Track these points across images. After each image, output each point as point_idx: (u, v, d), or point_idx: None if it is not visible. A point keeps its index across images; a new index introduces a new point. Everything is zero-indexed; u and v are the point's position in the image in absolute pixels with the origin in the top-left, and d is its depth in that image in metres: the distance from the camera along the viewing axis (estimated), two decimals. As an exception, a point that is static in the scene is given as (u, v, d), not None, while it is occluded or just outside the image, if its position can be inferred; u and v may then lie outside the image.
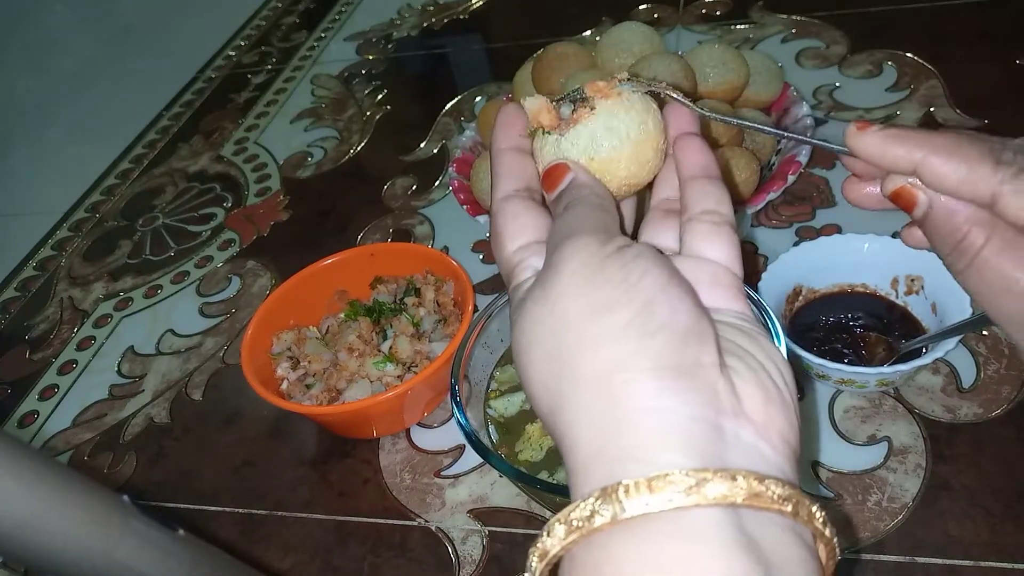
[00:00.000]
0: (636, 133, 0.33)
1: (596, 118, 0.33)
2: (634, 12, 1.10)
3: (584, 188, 0.31)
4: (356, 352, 0.65)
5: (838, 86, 0.87)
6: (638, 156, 0.33)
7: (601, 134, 0.32)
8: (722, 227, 0.31)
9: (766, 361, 0.27)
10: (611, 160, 0.33)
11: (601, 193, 0.31)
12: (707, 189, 0.32)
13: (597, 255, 0.27)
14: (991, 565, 0.47)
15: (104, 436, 0.72)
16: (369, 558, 0.57)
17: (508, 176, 0.34)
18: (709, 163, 0.33)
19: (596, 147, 0.33)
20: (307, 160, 1.02)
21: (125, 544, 0.35)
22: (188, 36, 1.46)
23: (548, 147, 0.33)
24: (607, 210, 0.30)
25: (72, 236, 1.01)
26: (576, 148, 0.33)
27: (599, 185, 0.32)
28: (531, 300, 0.28)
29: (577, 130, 0.33)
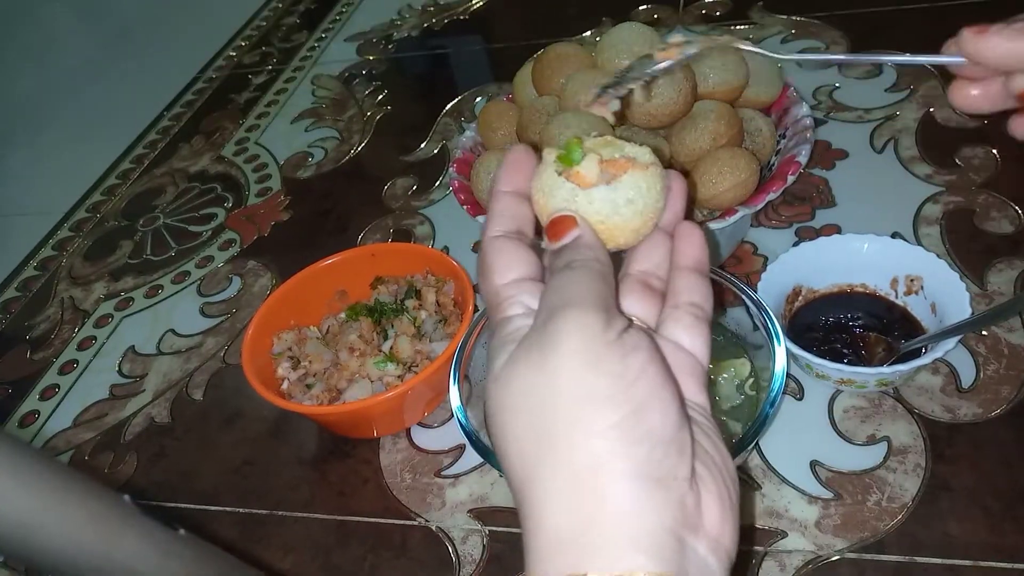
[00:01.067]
0: (650, 210, 0.33)
1: (620, 186, 0.33)
2: (634, 13, 1.11)
3: (589, 251, 0.31)
4: (357, 352, 0.65)
5: (838, 86, 0.87)
6: (641, 229, 0.34)
7: (621, 204, 0.33)
8: (702, 322, 0.33)
9: (721, 463, 0.29)
10: (618, 228, 0.33)
11: (604, 261, 0.31)
12: (697, 284, 0.34)
13: (599, 339, 0.27)
14: (991, 565, 0.48)
15: (105, 436, 0.72)
16: (369, 558, 0.57)
17: (502, 217, 0.34)
18: (703, 258, 0.35)
19: (611, 214, 0.33)
20: (308, 160, 1.02)
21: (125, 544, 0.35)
22: (189, 36, 1.46)
23: (561, 192, 0.33)
24: (608, 281, 0.30)
25: (73, 236, 1.01)
26: (591, 207, 0.32)
27: (603, 251, 0.32)
28: (524, 362, 0.28)
29: (597, 191, 0.32)
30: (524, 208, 0.35)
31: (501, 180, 0.35)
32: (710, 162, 0.62)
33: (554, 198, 0.33)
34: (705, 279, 0.34)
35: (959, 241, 0.67)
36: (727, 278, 0.53)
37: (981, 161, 0.74)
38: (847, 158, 0.78)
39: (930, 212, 0.70)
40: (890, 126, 0.80)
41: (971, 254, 0.66)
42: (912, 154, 0.76)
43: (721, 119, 0.64)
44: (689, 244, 0.35)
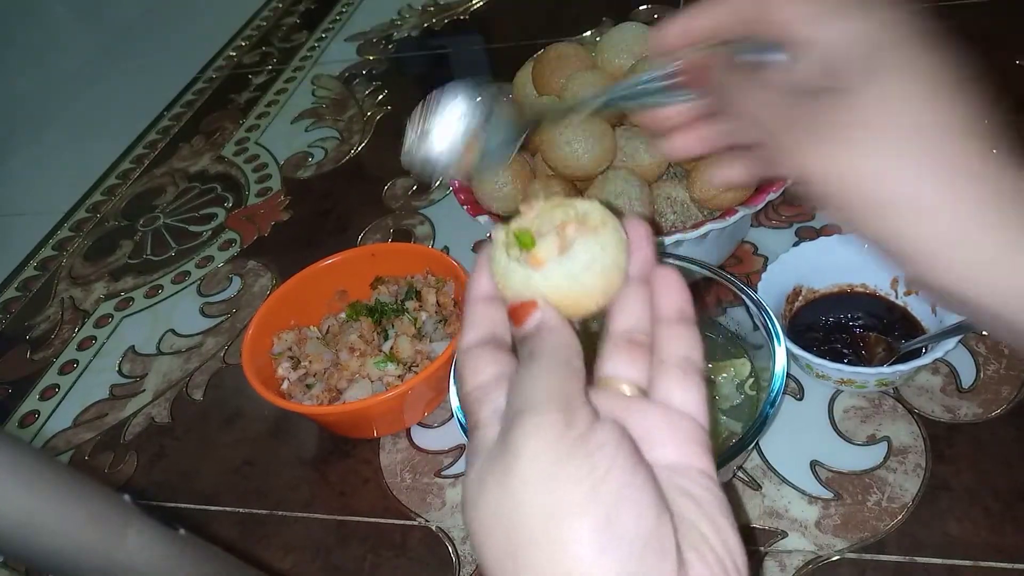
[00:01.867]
0: (611, 269, 0.32)
1: (574, 255, 0.31)
2: (634, 13, 1.10)
3: (551, 335, 0.30)
4: (357, 352, 0.65)
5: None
6: (608, 289, 0.32)
7: (579, 272, 0.31)
8: (693, 375, 0.31)
9: (720, 548, 0.27)
10: (583, 296, 0.32)
11: (568, 343, 0.30)
12: (682, 334, 0.32)
13: (560, 444, 0.26)
14: (991, 565, 0.48)
15: (105, 436, 0.72)
16: (369, 558, 0.57)
17: (473, 326, 0.33)
18: (685, 304, 0.33)
19: (571, 286, 0.31)
20: (308, 160, 1.02)
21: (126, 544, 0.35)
22: (189, 36, 1.46)
23: (516, 276, 0.32)
24: (571, 368, 0.29)
25: (73, 236, 1.01)
26: (549, 283, 0.31)
27: (565, 332, 0.31)
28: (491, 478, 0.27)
29: (552, 267, 0.31)
30: (496, 312, 0.33)
31: (471, 285, 0.34)
32: (710, 162, 0.62)
33: (511, 282, 0.32)
34: (689, 327, 0.32)
35: (959, 241, 0.67)
36: (727, 278, 0.53)
37: (981, 161, 0.73)
38: (847, 158, 0.78)
39: (930, 212, 0.70)
40: (890, 126, 0.80)
41: (971, 254, 0.66)
42: (912, 154, 0.76)
43: (721, 119, 0.64)
44: (667, 292, 0.33)
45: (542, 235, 0.32)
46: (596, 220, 0.32)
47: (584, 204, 0.33)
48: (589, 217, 0.33)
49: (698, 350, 0.32)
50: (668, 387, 0.31)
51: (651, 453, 0.28)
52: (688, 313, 0.33)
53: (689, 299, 0.33)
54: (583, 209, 0.33)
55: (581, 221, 0.32)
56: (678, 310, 0.32)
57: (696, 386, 0.31)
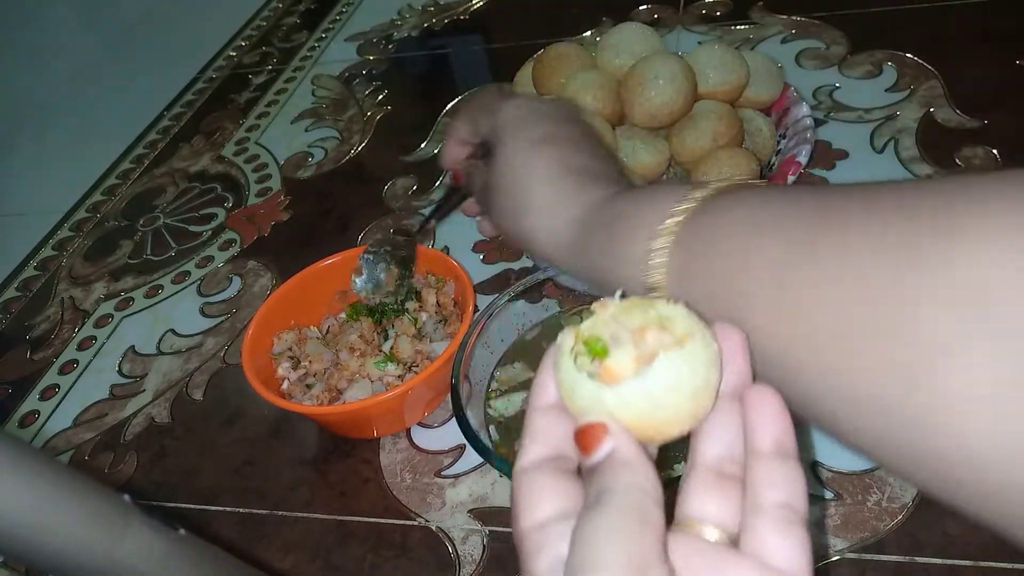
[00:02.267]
0: (700, 390, 0.27)
1: (653, 374, 0.26)
2: (634, 13, 1.11)
3: (626, 473, 0.26)
4: (357, 352, 0.65)
5: (838, 86, 0.87)
6: (696, 414, 0.28)
7: (660, 394, 0.26)
8: (795, 526, 0.26)
9: None
10: (664, 422, 0.27)
11: (644, 485, 0.26)
12: (783, 474, 0.27)
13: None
14: (991, 565, 0.48)
15: (105, 436, 0.72)
16: (369, 558, 0.57)
17: (535, 441, 0.29)
18: (785, 434, 0.28)
19: (651, 410, 0.27)
20: (308, 160, 1.02)
21: (126, 543, 0.35)
22: (189, 36, 1.46)
23: (583, 390, 0.27)
24: (648, 521, 0.25)
25: (73, 236, 1.01)
26: (625, 407, 0.27)
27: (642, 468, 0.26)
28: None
29: (627, 386, 0.26)
30: (562, 426, 0.29)
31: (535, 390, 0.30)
32: (710, 162, 0.62)
33: (577, 398, 0.27)
34: (792, 464, 0.27)
35: (959, 241, 0.67)
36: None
37: (981, 161, 0.74)
38: (847, 158, 0.78)
39: (930, 212, 0.70)
40: (890, 126, 0.80)
41: (971, 254, 0.65)
42: (912, 154, 0.76)
43: (722, 119, 0.64)
44: (763, 418, 0.28)
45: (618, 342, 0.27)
46: (682, 329, 0.27)
47: (667, 307, 0.28)
48: (672, 323, 0.28)
49: (802, 495, 0.27)
50: (764, 540, 0.26)
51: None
52: (788, 446, 0.28)
53: (790, 427, 0.28)
54: (665, 312, 0.28)
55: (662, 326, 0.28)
56: (776, 441, 0.27)
57: (799, 540, 0.26)
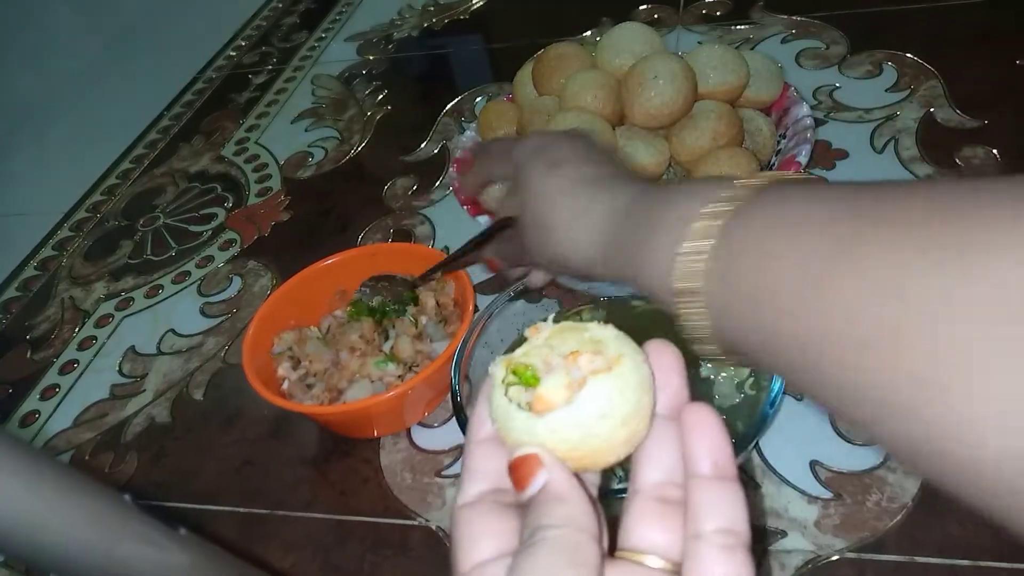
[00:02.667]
0: (632, 414, 0.26)
1: (582, 402, 0.25)
2: (634, 12, 1.11)
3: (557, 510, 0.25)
4: (358, 352, 0.65)
5: (838, 86, 0.87)
6: (631, 439, 0.27)
7: (592, 422, 0.25)
8: (736, 552, 0.25)
9: None
10: (598, 450, 0.26)
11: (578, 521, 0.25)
12: (722, 498, 0.26)
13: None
14: (991, 565, 0.48)
15: (105, 436, 0.72)
16: (369, 557, 0.57)
17: (473, 476, 0.28)
18: (722, 455, 0.26)
19: (584, 438, 0.26)
20: (308, 160, 1.02)
21: (126, 543, 0.35)
22: (189, 36, 1.46)
23: (515, 423, 0.26)
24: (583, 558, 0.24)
25: (73, 236, 1.01)
26: (557, 437, 0.26)
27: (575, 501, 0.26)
28: None
29: (558, 416, 0.26)
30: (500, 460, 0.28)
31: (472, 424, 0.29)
32: (710, 162, 0.62)
33: (511, 431, 0.27)
34: (732, 486, 0.26)
35: (959, 241, 0.67)
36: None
37: (981, 161, 0.74)
38: (847, 158, 0.78)
39: (930, 212, 0.70)
40: (890, 126, 0.80)
41: (971, 254, 0.66)
42: (912, 154, 0.76)
43: (721, 119, 0.64)
44: (700, 439, 0.27)
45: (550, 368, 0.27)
46: (612, 352, 0.27)
47: (599, 329, 0.28)
48: (603, 347, 0.27)
49: (743, 518, 0.26)
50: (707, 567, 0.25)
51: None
52: (727, 467, 0.26)
53: (727, 447, 0.27)
54: (597, 335, 0.27)
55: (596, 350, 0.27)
56: (714, 463, 0.26)
57: (741, 566, 0.25)
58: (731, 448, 0.27)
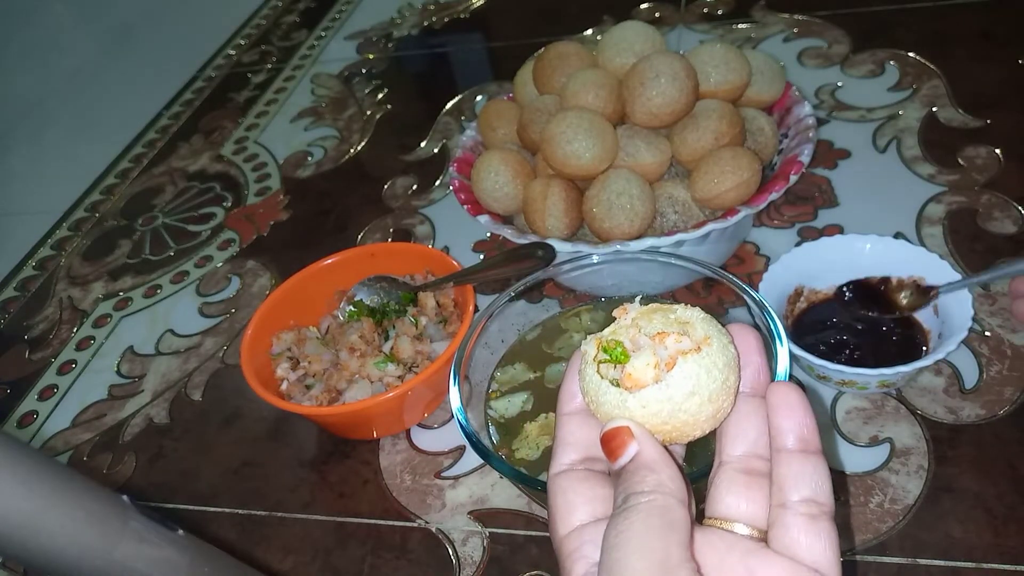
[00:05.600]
0: (719, 392, 0.28)
1: (673, 381, 0.27)
2: (635, 11, 1.10)
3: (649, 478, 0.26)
4: (358, 352, 0.64)
5: (840, 85, 0.87)
6: (716, 415, 0.29)
7: (680, 400, 0.27)
8: (820, 520, 0.27)
9: None
10: (687, 424, 0.28)
11: (669, 487, 0.26)
12: (807, 470, 0.27)
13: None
14: (994, 567, 0.47)
15: (103, 436, 0.72)
16: (369, 559, 0.57)
17: (566, 446, 0.30)
18: (808, 431, 0.28)
19: (673, 413, 0.27)
20: (307, 159, 1.01)
21: (125, 544, 0.35)
22: (188, 35, 1.46)
23: (608, 398, 0.28)
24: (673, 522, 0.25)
25: (71, 236, 1.01)
26: (646, 411, 0.28)
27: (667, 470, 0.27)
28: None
29: (649, 392, 0.27)
30: (591, 430, 0.30)
31: (562, 397, 0.31)
32: (712, 161, 0.62)
33: (602, 405, 0.28)
34: (816, 460, 0.28)
35: (962, 241, 0.67)
36: (729, 278, 0.53)
37: (984, 161, 0.73)
38: (849, 158, 0.78)
39: (933, 212, 0.70)
40: (893, 125, 0.80)
41: (974, 254, 0.65)
42: (915, 154, 0.76)
43: (723, 118, 0.64)
44: (786, 415, 0.28)
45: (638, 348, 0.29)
46: (700, 333, 0.28)
47: (685, 311, 0.29)
48: (691, 328, 0.29)
49: (827, 489, 0.27)
50: (792, 535, 0.26)
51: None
52: (812, 442, 0.28)
53: (813, 423, 0.28)
54: (683, 316, 0.29)
55: (682, 331, 0.29)
56: (799, 438, 0.28)
57: (826, 534, 0.26)
58: (815, 423, 0.28)
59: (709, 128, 0.63)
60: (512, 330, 0.61)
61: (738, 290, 0.52)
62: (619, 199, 0.61)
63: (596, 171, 0.64)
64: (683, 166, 0.67)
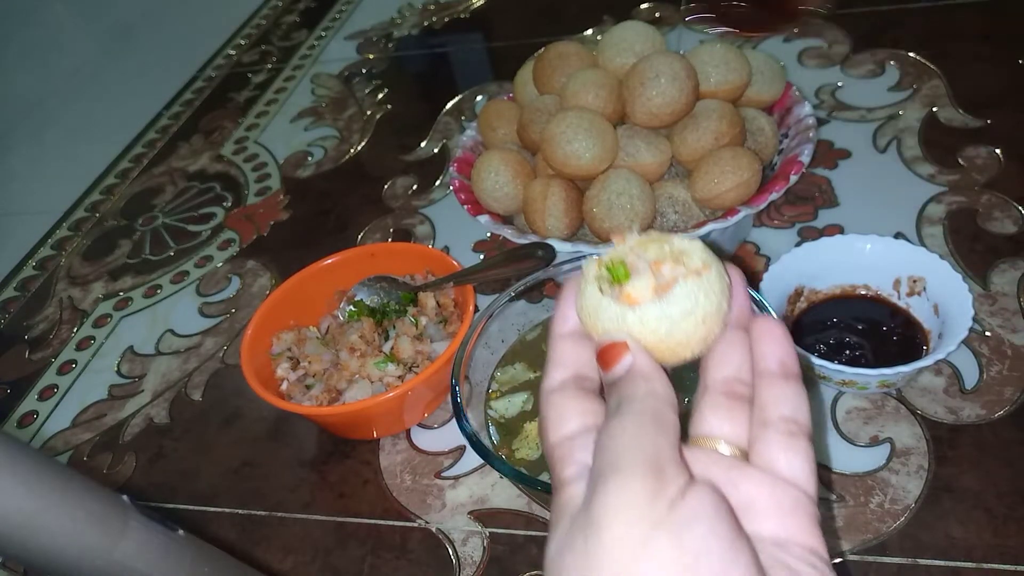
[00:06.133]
0: (712, 316, 0.29)
1: (673, 299, 0.29)
2: (635, 11, 1.10)
3: (644, 384, 0.28)
4: (358, 352, 0.64)
5: (840, 86, 0.87)
6: (707, 337, 0.30)
7: (678, 318, 0.29)
8: (799, 439, 0.28)
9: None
10: (680, 343, 0.29)
11: (661, 393, 0.28)
12: (787, 392, 0.29)
13: (650, 510, 0.23)
14: (994, 567, 0.47)
15: (103, 436, 0.72)
16: (369, 559, 0.57)
17: (558, 365, 0.31)
18: (789, 358, 0.30)
19: (669, 331, 0.29)
20: (307, 159, 1.01)
21: (125, 544, 0.35)
22: (188, 35, 1.46)
23: (607, 313, 0.29)
24: (665, 422, 0.26)
25: (72, 235, 1.01)
26: (644, 327, 0.29)
27: (659, 380, 0.28)
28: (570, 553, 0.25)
29: (648, 309, 0.29)
30: (584, 351, 0.31)
31: (556, 320, 0.32)
32: (712, 162, 0.62)
33: (601, 320, 0.30)
34: (795, 384, 0.30)
35: (962, 241, 0.67)
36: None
37: (984, 161, 0.73)
38: (850, 158, 0.78)
39: (933, 212, 0.70)
40: (893, 125, 0.80)
41: (974, 254, 0.65)
42: (915, 154, 0.76)
43: (723, 118, 0.64)
44: (769, 343, 0.30)
45: (637, 271, 0.30)
46: (698, 261, 0.30)
47: (683, 242, 0.31)
48: (688, 256, 0.30)
49: (805, 410, 0.29)
50: (772, 451, 0.28)
51: (752, 525, 0.26)
52: (792, 368, 0.30)
53: (793, 352, 0.30)
54: (681, 246, 0.31)
55: (676, 259, 0.30)
56: (781, 363, 0.30)
57: (804, 452, 0.28)
58: (795, 352, 0.30)
59: (709, 128, 0.63)
60: (512, 330, 0.61)
61: (738, 290, 0.52)
62: (619, 199, 0.61)
63: (596, 171, 0.64)
64: (683, 166, 0.67)
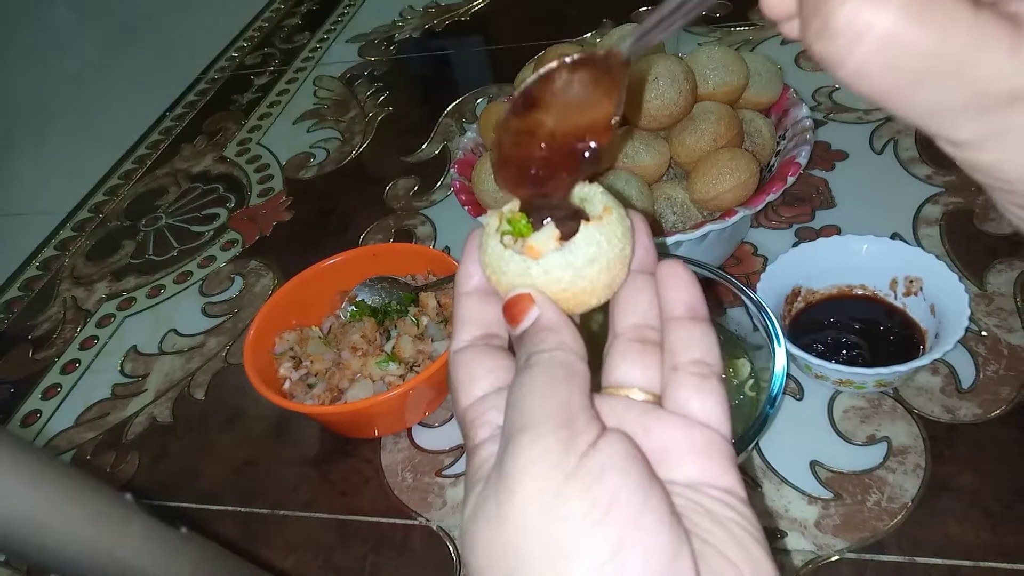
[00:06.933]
0: (616, 261, 0.29)
1: (575, 247, 0.28)
2: (635, 14, 1.11)
3: (551, 336, 0.27)
4: (359, 351, 0.65)
5: (837, 88, 0.87)
6: (612, 283, 0.29)
7: (581, 265, 0.28)
8: (709, 380, 0.28)
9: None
10: (585, 291, 0.29)
11: (569, 344, 0.27)
12: (696, 335, 0.29)
13: (562, 465, 0.23)
14: (990, 565, 0.48)
15: (107, 435, 0.73)
16: (370, 557, 0.57)
17: (465, 323, 0.30)
18: (695, 300, 0.30)
19: (573, 279, 0.28)
20: (310, 161, 1.02)
21: (128, 542, 0.35)
22: (191, 37, 1.47)
23: (511, 266, 0.29)
24: (574, 374, 0.26)
25: (75, 236, 1.02)
26: (548, 277, 0.28)
27: (566, 330, 0.28)
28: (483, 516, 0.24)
29: (551, 258, 0.28)
30: (490, 307, 0.30)
31: (460, 278, 0.31)
32: (710, 163, 0.62)
33: (505, 274, 0.29)
34: (703, 325, 0.29)
35: (959, 242, 0.67)
36: (727, 279, 0.53)
37: (981, 162, 0.73)
38: (847, 159, 0.78)
39: (930, 213, 0.70)
40: (890, 127, 0.80)
41: (971, 255, 0.66)
42: (912, 155, 0.76)
43: (721, 120, 0.64)
44: (675, 287, 0.30)
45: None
46: (599, 206, 0.29)
47: (584, 187, 0.30)
48: (590, 202, 0.30)
49: (714, 351, 0.29)
50: (684, 395, 0.28)
51: (668, 470, 0.26)
52: (700, 310, 0.30)
53: (700, 294, 0.30)
54: (583, 193, 0.30)
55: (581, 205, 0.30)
56: (688, 307, 0.29)
57: (715, 393, 0.28)
58: (702, 295, 0.30)
59: (707, 130, 0.64)
60: (512, 330, 0.61)
61: (736, 290, 0.53)
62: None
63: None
64: (682, 167, 0.67)
